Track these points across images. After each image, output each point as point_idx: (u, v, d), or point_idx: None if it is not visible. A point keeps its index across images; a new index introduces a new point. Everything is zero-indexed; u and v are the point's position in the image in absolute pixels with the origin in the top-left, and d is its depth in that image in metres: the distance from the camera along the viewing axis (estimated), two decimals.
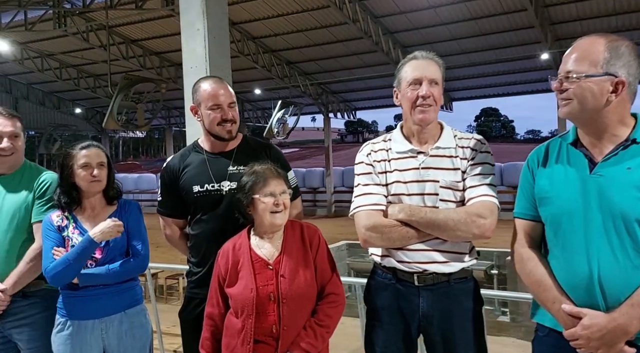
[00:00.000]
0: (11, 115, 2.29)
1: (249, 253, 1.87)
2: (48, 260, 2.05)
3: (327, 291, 1.88)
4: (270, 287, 1.81)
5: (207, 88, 2.13)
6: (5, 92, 21.76)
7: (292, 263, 1.84)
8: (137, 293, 2.21)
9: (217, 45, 3.72)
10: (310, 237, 1.91)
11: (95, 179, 2.09)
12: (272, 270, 1.83)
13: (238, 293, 1.83)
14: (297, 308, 1.81)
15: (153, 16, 15.05)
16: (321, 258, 1.90)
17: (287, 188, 1.88)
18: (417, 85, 1.86)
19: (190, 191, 2.13)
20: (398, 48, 15.96)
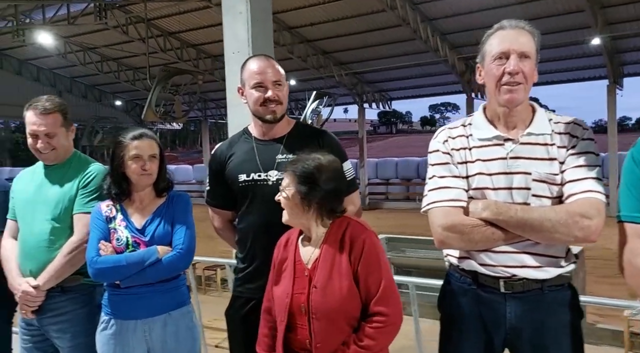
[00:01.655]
0: (48, 111, 2.14)
1: (295, 251, 1.69)
2: (93, 250, 1.97)
3: (373, 309, 1.57)
4: (302, 297, 1.60)
5: (252, 66, 2.01)
6: (50, 85, 22.44)
7: (327, 271, 1.59)
8: (183, 293, 2.08)
9: (260, 28, 3.63)
10: (352, 239, 1.60)
11: (146, 173, 1.98)
12: (307, 277, 1.62)
13: (277, 295, 1.67)
14: (331, 324, 1.57)
15: (190, 8, 15.16)
16: (365, 268, 1.57)
17: (285, 184, 1.66)
18: (504, 60, 1.59)
19: (236, 180, 2.01)
20: (437, 35, 15.59)
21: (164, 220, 2.02)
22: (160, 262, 1.94)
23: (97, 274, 1.96)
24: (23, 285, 2.11)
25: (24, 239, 2.19)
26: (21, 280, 2.13)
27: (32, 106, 2.17)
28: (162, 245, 1.98)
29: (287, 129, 2.07)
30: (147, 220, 2.02)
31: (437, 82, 19.72)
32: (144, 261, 1.93)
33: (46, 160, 2.23)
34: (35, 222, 2.17)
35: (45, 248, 2.14)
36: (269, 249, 1.91)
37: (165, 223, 2.01)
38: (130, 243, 1.98)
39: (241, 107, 3.70)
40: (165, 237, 2.00)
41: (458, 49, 16.69)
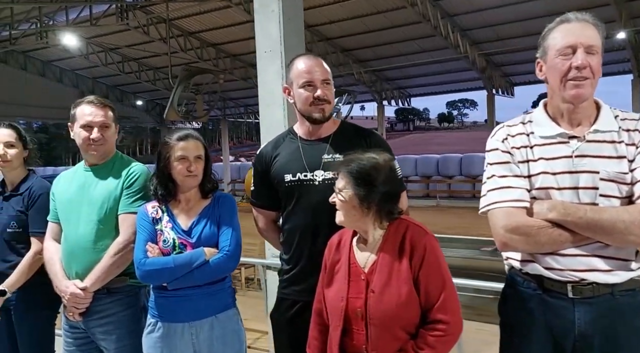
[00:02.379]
0: (103, 104, 2.20)
1: (349, 253, 1.64)
2: (141, 252, 1.95)
3: (433, 316, 1.52)
4: (358, 302, 1.55)
5: (300, 65, 1.97)
6: (72, 86, 22.77)
7: (385, 275, 1.54)
8: (229, 295, 2.06)
9: (292, 27, 3.59)
10: (413, 243, 1.56)
11: (192, 174, 1.96)
12: (364, 281, 1.57)
13: (330, 298, 1.62)
14: (388, 330, 1.52)
15: (210, 8, 15.23)
16: (427, 274, 1.53)
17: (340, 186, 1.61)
18: (570, 54, 1.52)
19: (282, 180, 1.99)
20: (457, 31, 15.42)
21: (210, 222, 1.99)
22: (207, 264, 1.92)
23: (145, 276, 1.94)
24: (71, 287, 2.10)
25: (68, 240, 2.19)
26: (68, 282, 2.13)
27: (85, 101, 2.21)
28: (208, 246, 1.96)
29: (333, 128, 2.03)
30: (193, 222, 1.99)
31: (456, 78, 19.52)
32: (192, 263, 1.91)
33: (94, 156, 2.21)
34: (80, 223, 2.16)
35: (91, 249, 2.13)
36: (316, 250, 1.89)
37: (212, 224, 1.99)
38: (177, 244, 1.96)
39: (274, 106, 3.69)
40: (212, 239, 1.97)
41: (479, 45, 16.48)
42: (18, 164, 2.45)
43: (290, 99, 2.03)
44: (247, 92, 22.37)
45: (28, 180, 2.46)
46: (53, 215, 2.28)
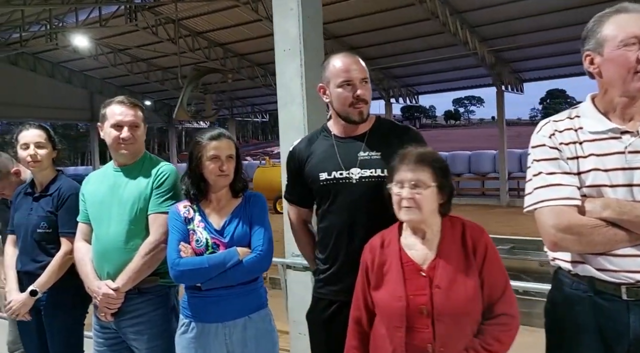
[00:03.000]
0: (133, 104, 2.21)
1: (399, 253, 1.61)
2: (174, 252, 1.94)
3: (498, 311, 1.55)
4: (422, 298, 1.54)
5: (337, 63, 1.91)
6: (81, 87, 22.88)
7: (450, 271, 1.55)
8: (261, 295, 2.05)
9: (311, 25, 3.57)
10: (474, 240, 1.58)
11: (223, 173, 1.96)
12: (425, 278, 1.56)
13: (384, 300, 1.59)
14: (455, 326, 1.52)
15: (218, 7, 15.24)
16: (490, 269, 1.57)
17: (424, 178, 1.58)
18: (636, 45, 1.44)
19: (317, 179, 1.96)
20: (466, 28, 15.35)
21: (242, 221, 1.99)
22: (241, 264, 1.92)
23: (179, 276, 1.94)
24: (103, 287, 2.11)
25: (99, 241, 2.20)
26: (100, 282, 2.14)
27: (115, 101, 2.22)
28: (241, 246, 1.96)
29: (368, 125, 2.00)
30: (225, 221, 1.99)
31: (465, 75, 19.43)
32: (225, 263, 1.91)
33: (124, 156, 2.21)
34: (111, 223, 2.17)
35: (122, 249, 2.14)
36: (353, 250, 1.87)
37: (244, 224, 1.99)
38: (210, 244, 1.96)
39: (292, 105, 3.69)
40: (244, 238, 1.97)
41: (488, 41, 16.40)
42: (47, 164, 2.47)
43: (325, 98, 2.01)
44: (254, 91, 22.38)
45: (57, 180, 2.48)
46: (83, 216, 2.29)
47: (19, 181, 2.69)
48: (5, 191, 2.66)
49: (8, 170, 2.63)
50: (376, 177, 1.90)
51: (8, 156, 2.70)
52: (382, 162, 1.91)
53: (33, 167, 2.43)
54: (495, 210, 16.47)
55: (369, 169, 1.91)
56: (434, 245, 1.60)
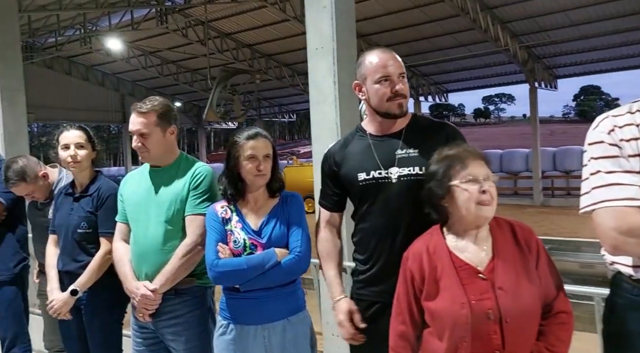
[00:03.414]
0: (141, 111, 2.13)
1: (449, 257, 1.53)
2: (212, 253, 1.92)
3: (556, 309, 1.51)
4: (487, 303, 1.45)
5: (374, 59, 1.87)
6: (114, 89, 23.45)
7: (510, 272, 1.48)
8: (300, 297, 2.01)
9: (344, 22, 3.53)
10: (526, 240, 1.53)
11: (261, 173, 1.93)
12: (486, 281, 1.48)
13: (443, 308, 1.48)
14: (523, 329, 1.45)
15: (246, 8, 15.36)
16: (544, 268, 1.53)
17: (491, 174, 1.54)
18: None
19: (355, 180, 1.91)
20: (497, 24, 15.03)
21: (279, 221, 1.96)
22: (279, 266, 1.89)
23: (218, 278, 1.93)
24: (141, 288, 2.12)
25: (137, 242, 2.20)
26: (138, 283, 2.15)
27: (133, 106, 2.20)
28: (278, 247, 1.93)
29: (404, 122, 1.95)
30: (262, 222, 1.97)
31: (496, 72, 19.06)
32: (264, 264, 1.88)
33: (143, 160, 2.23)
34: (149, 224, 2.18)
35: (159, 250, 2.14)
36: (395, 251, 1.82)
37: (281, 224, 1.96)
38: (248, 245, 1.93)
39: (324, 103, 3.65)
40: (282, 239, 1.94)
41: (520, 37, 16.03)
42: (87, 165, 2.49)
43: (361, 95, 1.96)
44: (281, 91, 22.49)
45: (96, 181, 2.50)
46: (122, 216, 2.30)
47: (47, 184, 2.73)
48: (35, 194, 2.71)
49: (36, 174, 2.67)
50: (414, 175, 1.85)
51: (35, 159, 2.75)
52: (420, 160, 1.85)
53: (73, 167, 2.46)
54: (529, 210, 16.10)
55: (408, 167, 1.86)
56: (487, 246, 1.53)
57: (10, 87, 5.95)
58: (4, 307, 2.79)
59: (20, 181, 2.61)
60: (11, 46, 6.13)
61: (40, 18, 15.15)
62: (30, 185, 2.65)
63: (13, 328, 2.82)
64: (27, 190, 2.66)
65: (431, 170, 1.59)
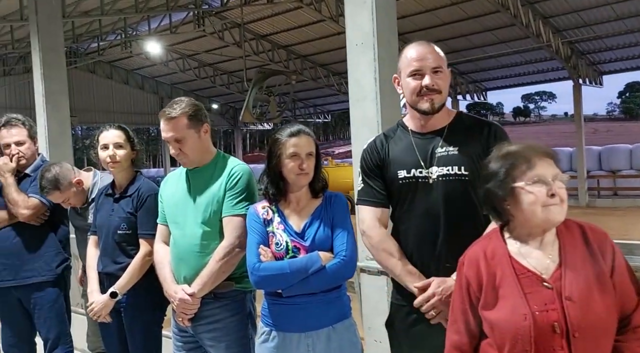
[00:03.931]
0: (170, 117, 2.06)
1: (510, 263, 1.40)
2: (254, 256, 1.84)
3: (635, 323, 1.35)
4: (552, 314, 1.32)
5: (410, 52, 1.78)
6: (153, 92, 23.99)
7: (580, 280, 1.35)
8: (345, 304, 1.91)
9: (385, 17, 3.41)
10: (599, 244, 1.39)
11: (303, 172, 1.84)
12: (551, 290, 1.35)
13: (503, 319, 1.36)
14: (594, 345, 1.32)
15: (281, 10, 15.40)
16: (620, 276, 1.38)
17: (562, 173, 1.39)
18: None
19: (395, 177, 1.82)
20: (539, 19, 14.54)
21: (323, 223, 1.87)
22: (324, 270, 1.79)
23: (259, 282, 1.85)
24: (180, 292, 2.07)
25: (176, 244, 2.16)
26: (177, 287, 2.09)
27: (161, 113, 2.12)
28: (322, 250, 1.83)
29: (447, 120, 1.84)
30: (305, 223, 1.88)
31: (537, 69, 18.48)
32: (308, 269, 1.79)
33: (183, 165, 2.18)
34: (187, 226, 2.12)
35: (198, 253, 2.08)
36: (435, 254, 1.74)
37: (325, 226, 1.86)
38: (290, 248, 1.85)
39: (365, 101, 3.54)
40: (326, 242, 1.85)
41: (562, 32, 15.46)
42: (127, 165, 2.47)
43: (399, 90, 1.87)
44: (316, 92, 22.49)
45: (136, 181, 2.47)
46: (162, 218, 2.26)
47: (82, 190, 2.72)
48: (70, 201, 2.71)
49: (69, 181, 2.66)
50: (453, 175, 1.75)
51: (69, 166, 2.74)
52: (460, 159, 1.75)
53: (112, 167, 2.44)
54: (573, 210, 15.26)
55: (447, 166, 1.75)
56: (554, 252, 1.39)
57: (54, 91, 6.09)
58: (46, 308, 2.81)
59: (54, 190, 2.61)
60: (55, 50, 6.28)
61: (83, 24, 15.62)
62: (65, 193, 2.65)
63: (56, 328, 2.83)
64: (62, 198, 2.67)
65: (491, 169, 1.44)
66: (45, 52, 6.10)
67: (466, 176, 1.73)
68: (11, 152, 2.82)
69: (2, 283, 2.80)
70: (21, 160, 2.84)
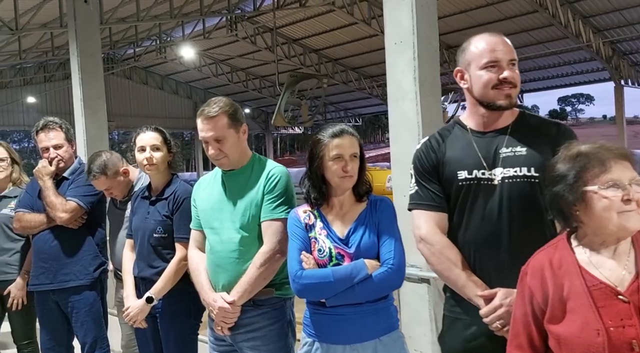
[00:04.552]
0: (210, 116, 1.98)
1: (580, 274, 1.29)
2: (295, 263, 1.75)
3: None
4: (630, 331, 1.21)
5: (480, 43, 1.64)
6: (187, 97, 24.42)
7: None
8: (392, 315, 1.80)
9: (425, 14, 3.29)
10: None
11: (347, 174, 1.74)
12: (628, 304, 1.24)
13: (572, 334, 1.26)
14: None
15: (313, 13, 15.41)
16: None
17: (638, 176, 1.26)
18: None
19: (454, 179, 1.68)
20: (578, 19, 14.11)
21: (368, 229, 1.76)
22: (370, 279, 1.68)
23: (302, 290, 1.75)
24: (219, 301, 1.99)
25: (213, 250, 2.08)
26: (216, 295, 2.02)
27: (199, 112, 2.04)
28: (368, 257, 1.73)
29: (511, 118, 1.70)
30: (349, 229, 1.77)
31: (575, 70, 17.94)
32: (353, 277, 1.68)
33: (222, 167, 2.10)
34: (224, 231, 2.05)
35: (236, 259, 2.00)
36: (498, 264, 1.60)
37: (370, 232, 1.75)
38: (334, 255, 1.74)
39: (404, 101, 3.42)
40: (372, 249, 1.74)
41: (603, 32, 14.94)
42: (163, 167, 2.42)
43: (463, 84, 1.72)
44: (347, 95, 22.43)
45: (172, 184, 2.43)
46: (195, 223, 2.18)
47: (127, 181, 2.70)
48: (113, 191, 2.68)
49: (117, 169, 2.64)
50: (521, 177, 1.61)
51: (119, 155, 2.72)
52: (529, 159, 1.61)
53: (149, 170, 2.39)
54: None
55: (513, 167, 1.61)
56: (630, 262, 1.26)
57: (92, 95, 6.20)
58: (84, 311, 2.79)
59: (101, 174, 2.59)
60: (92, 56, 6.39)
61: (120, 31, 16.00)
62: (110, 180, 2.62)
63: (93, 332, 2.81)
64: (107, 185, 2.64)
65: (560, 171, 1.32)
66: (83, 57, 6.22)
67: (536, 178, 1.59)
68: (49, 155, 2.82)
69: (40, 286, 2.79)
70: (59, 163, 2.84)
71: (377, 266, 1.71)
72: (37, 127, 2.85)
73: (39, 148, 2.87)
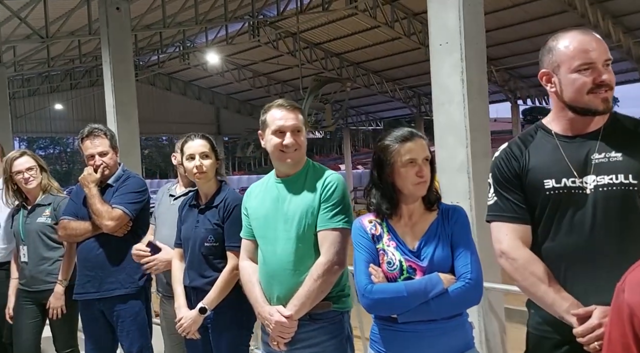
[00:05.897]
0: (293, 107, 2.00)
1: None
2: (364, 276, 1.66)
3: None
4: None
5: (571, 42, 1.51)
6: (209, 103, 24.57)
7: None
8: (468, 333, 1.71)
9: (472, 15, 3.21)
10: None
11: (422, 180, 1.65)
12: None
13: None
14: None
15: (335, 17, 15.37)
16: None
17: None
18: None
19: (541, 187, 1.56)
20: (608, 18, 13.76)
21: (441, 241, 1.66)
22: (446, 294, 1.59)
23: (373, 306, 1.66)
24: (275, 315, 1.91)
25: (266, 261, 2.01)
26: (272, 309, 1.94)
27: (274, 105, 2.02)
28: (441, 271, 1.63)
29: (601, 121, 1.56)
30: (421, 241, 1.68)
31: None
32: (428, 292, 1.59)
33: (289, 165, 2.00)
34: (278, 241, 1.97)
35: (291, 271, 1.93)
36: (591, 281, 1.48)
37: (444, 244, 1.66)
38: (405, 268, 1.66)
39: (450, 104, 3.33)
40: (445, 262, 1.64)
41: (634, 32, 14.55)
42: (212, 175, 2.37)
43: (550, 87, 1.60)
44: (368, 99, 22.30)
45: (222, 191, 2.37)
46: (247, 232, 2.11)
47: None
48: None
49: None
50: (618, 184, 1.48)
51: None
52: (627, 166, 1.48)
53: (199, 178, 2.34)
54: None
55: (609, 174, 1.49)
56: None
57: (124, 102, 6.25)
58: (129, 320, 2.75)
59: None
60: (125, 62, 6.46)
61: (145, 37, 16.18)
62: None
63: (138, 341, 2.77)
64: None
65: None
66: (116, 64, 6.27)
67: (635, 186, 1.47)
68: (95, 162, 2.79)
69: (85, 295, 2.76)
70: (105, 170, 2.81)
71: (452, 280, 1.61)
72: (82, 134, 2.82)
73: (84, 155, 2.84)
